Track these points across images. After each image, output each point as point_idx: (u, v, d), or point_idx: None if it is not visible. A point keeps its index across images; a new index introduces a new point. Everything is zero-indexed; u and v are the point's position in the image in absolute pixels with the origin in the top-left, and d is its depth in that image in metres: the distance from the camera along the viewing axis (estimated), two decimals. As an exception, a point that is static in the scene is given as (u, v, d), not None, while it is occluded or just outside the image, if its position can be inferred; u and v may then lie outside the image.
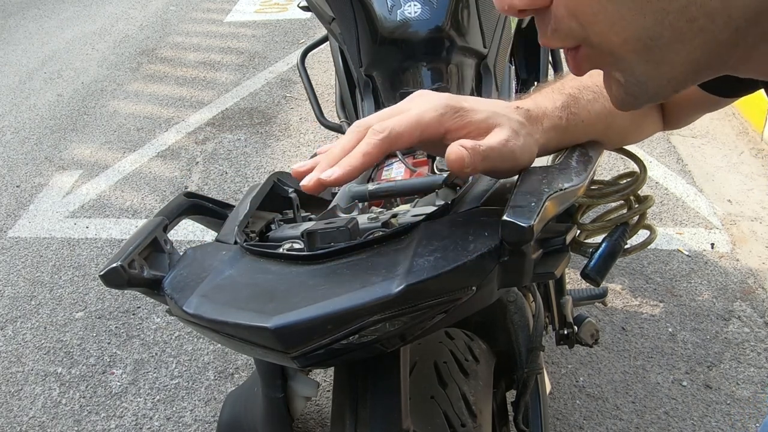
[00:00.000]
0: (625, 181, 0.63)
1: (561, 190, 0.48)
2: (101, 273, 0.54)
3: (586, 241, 0.63)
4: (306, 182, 0.49)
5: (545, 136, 0.57)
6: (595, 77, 0.62)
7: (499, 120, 0.53)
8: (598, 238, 0.61)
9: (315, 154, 0.55)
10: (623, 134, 0.67)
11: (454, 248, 0.47)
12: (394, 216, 0.59)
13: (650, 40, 0.36)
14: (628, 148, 0.69)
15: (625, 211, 0.62)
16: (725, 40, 0.36)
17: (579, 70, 0.43)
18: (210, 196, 0.80)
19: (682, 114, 0.67)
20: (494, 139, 0.51)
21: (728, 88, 0.58)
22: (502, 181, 0.58)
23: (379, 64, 1.07)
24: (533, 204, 0.45)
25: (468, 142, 0.49)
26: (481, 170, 0.51)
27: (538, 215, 0.44)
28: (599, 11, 0.37)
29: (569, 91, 0.60)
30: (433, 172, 1.02)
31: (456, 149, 0.48)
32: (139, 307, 1.93)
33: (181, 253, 0.61)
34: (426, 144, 0.53)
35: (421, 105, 0.52)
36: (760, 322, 1.72)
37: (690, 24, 0.35)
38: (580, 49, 0.41)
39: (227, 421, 0.92)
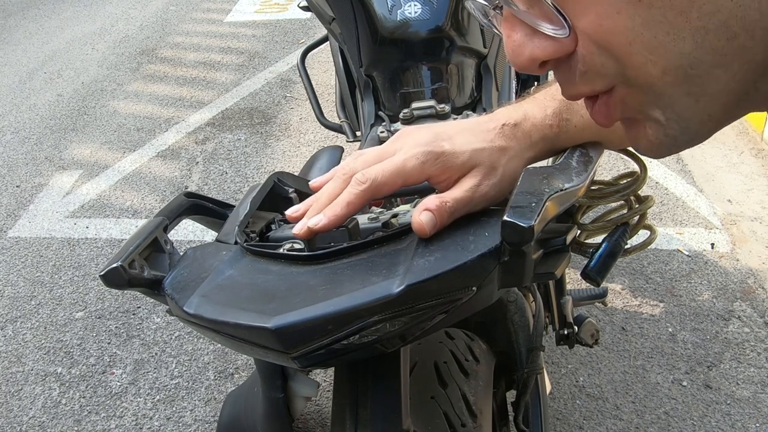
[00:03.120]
0: (625, 181, 0.63)
1: (561, 190, 0.48)
2: (101, 273, 0.54)
3: (586, 241, 0.63)
4: (297, 231, 0.52)
5: (534, 149, 0.57)
6: None
7: (478, 159, 0.54)
8: (599, 239, 0.61)
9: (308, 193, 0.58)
10: (621, 138, 0.66)
11: (454, 248, 0.47)
12: (395, 216, 0.59)
13: (690, 68, 0.34)
14: (630, 148, 0.69)
15: (625, 211, 0.62)
16: (761, 61, 0.34)
17: (610, 119, 0.40)
18: (210, 196, 0.80)
19: None
20: (464, 187, 0.52)
21: None
22: None
23: (379, 64, 1.07)
24: (534, 204, 0.45)
25: (433, 203, 0.50)
26: (450, 221, 0.52)
27: (538, 215, 0.44)
28: (634, 40, 0.34)
29: (560, 94, 0.60)
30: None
31: (418, 219, 0.49)
32: (139, 307, 1.93)
33: (182, 253, 0.61)
34: (409, 189, 0.55)
35: (405, 151, 0.53)
36: (760, 322, 1.72)
37: (730, 43, 0.33)
38: (614, 92, 0.38)
39: (227, 421, 0.92)
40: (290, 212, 0.56)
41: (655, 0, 0.33)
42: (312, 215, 0.52)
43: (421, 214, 0.49)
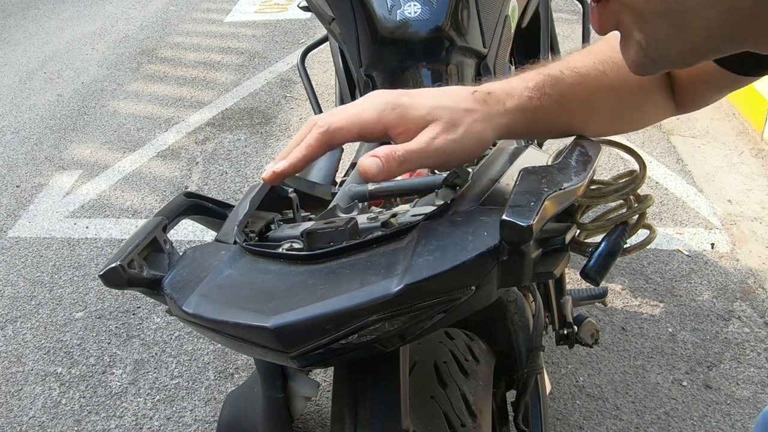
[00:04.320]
0: (624, 180, 0.63)
1: (560, 189, 0.48)
2: (101, 273, 0.54)
3: (585, 240, 0.63)
4: (264, 175, 0.54)
5: (508, 117, 0.57)
6: (591, 57, 0.61)
7: (438, 114, 0.53)
8: (598, 238, 0.61)
9: None
10: (612, 123, 0.65)
11: (453, 248, 0.47)
12: (394, 216, 0.59)
13: (675, 3, 0.36)
14: (630, 145, 0.69)
15: (624, 210, 0.62)
16: (749, 6, 0.35)
17: (602, 28, 0.42)
18: (210, 196, 0.80)
19: (698, 94, 0.65)
20: (419, 139, 0.52)
21: (749, 65, 0.56)
22: (501, 180, 0.58)
23: (379, 64, 1.06)
24: (532, 203, 0.45)
25: (383, 150, 0.51)
26: (403, 172, 0.53)
27: (537, 215, 0.44)
28: None
29: (550, 71, 0.59)
30: (432, 172, 1.02)
31: (364, 161, 0.50)
32: (139, 307, 1.93)
33: (181, 253, 0.61)
34: (370, 139, 0.55)
35: (365, 101, 0.54)
36: (760, 322, 1.72)
37: None
38: (609, 3, 0.40)
39: (227, 421, 0.92)
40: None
41: None
42: (278, 161, 0.55)
43: (368, 159, 0.51)
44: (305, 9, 1.44)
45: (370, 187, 0.87)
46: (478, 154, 0.56)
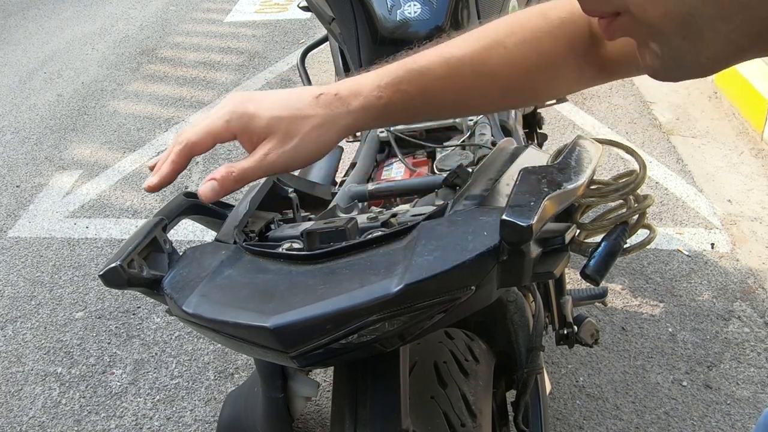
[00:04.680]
0: (624, 180, 0.63)
1: (560, 189, 0.48)
2: (101, 273, 0.54)
3: (585, 240, 0.63)
4: (144, 186, 0.60)
5: (352, 116, 0.57)
6: (474, 42, 0.61)
7: (275, 126, 0.56)
8: (598, 238, 0.61)
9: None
10: (497, 103, 0.66)
11: (453, 248, 0.47)
12: (394, 216, 0.59)
13: (690, 15, 0.35)
14: (630, 145, 0.69)
15: (624, 210, 0.62)
16: (766, 18, 0.34)
17: (612, 37, 0.42)
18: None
19: (626, 68, 0.63)
20: (254, 156, 0.56)
21: None
22: (501, 180, 0.58)
23: (379, 64, 1.06)
24: (532, 203, 0.45)
25: (220, 173, 0.56)
26: (241, 187, 0.57)
27: (537, 215, 0.44)
28: None
29: (416, 65, 0.59)
30: (432, 172, 1.02)
31: (201, 188, 0.56)
32: (139, 307, 1.93)
33: (181, 253, 0.61)
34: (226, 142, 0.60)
35: (216, 112, 0.57)
36: (760, 322, 1.72)
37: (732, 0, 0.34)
38: (620, 17, 0.40)
39: (227, 421, 0.92)
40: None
41: None
42: (151, 175, 0.59)
43: (205, 184, 0.55)
44: (305, 9, 1.44)
45: (370, 187, 0.87)
46: (320, 156, 0.58)
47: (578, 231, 0.62)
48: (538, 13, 0.63)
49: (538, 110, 1.71)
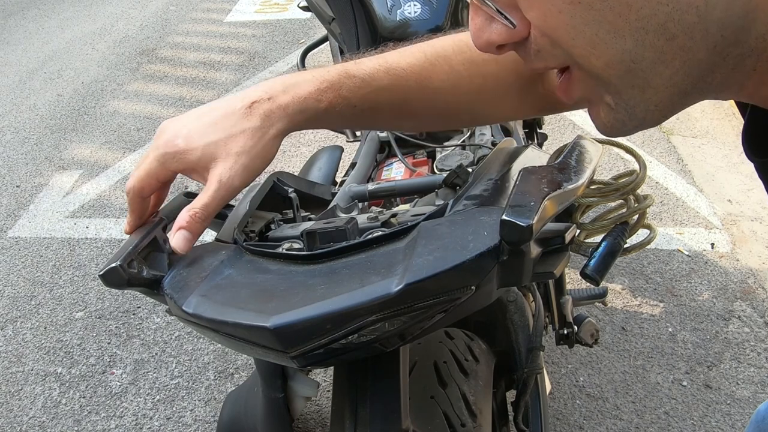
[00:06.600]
0: (624, 180, 0.63)
1: (560, 189, 0.48)
2: (101, 273, 0.54)
3: (585, 240, 0.63)
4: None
5: (287, 119, 0.56)
6: (421, 56, 0.60)
7: (212, 153, 0.54)
8: (598, 238, 0.61)
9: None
10: (436, 122, 0.66)
11: (453, 248, 0.47)
12: (394, 216, 0.59)
13: (632, 62, 0.36)
14: (630, 145, 0.69)
15: (624, 210, 0.62)
16: (704, 59, 0.35)
17: (569, 96, 0.43)
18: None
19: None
20: (209, 189, 0.54)
21: None
22: (501, 180, 0.58)
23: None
24: (532, 203, 0.45)
25: (184, 219, 0.54)
26: (210, 223, 0.56)
27: (537, 215, 0.44)
28: (576, 36, 0.37)
29: (360, 72, 0.58)
30: (432, 172, 1.02)
31: (173, 242, 0.54)
32: (139, 307, 1.93)
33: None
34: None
35: (150, 154, 0.56)
36: (760, 322, 1.72)
37: (670, 43, 0.35)
38: (572, 71, 0.41)
39: (227, 421, 0.92)
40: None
41: (595, 2, 0.35)
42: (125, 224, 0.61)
43: (175, 236, 0.54)
44: (305, 9, 1.45)
45: (371, 187, 0.87)
46: (269, 162, 0.57)
47: (578, 231, 0.62)
48: None
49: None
